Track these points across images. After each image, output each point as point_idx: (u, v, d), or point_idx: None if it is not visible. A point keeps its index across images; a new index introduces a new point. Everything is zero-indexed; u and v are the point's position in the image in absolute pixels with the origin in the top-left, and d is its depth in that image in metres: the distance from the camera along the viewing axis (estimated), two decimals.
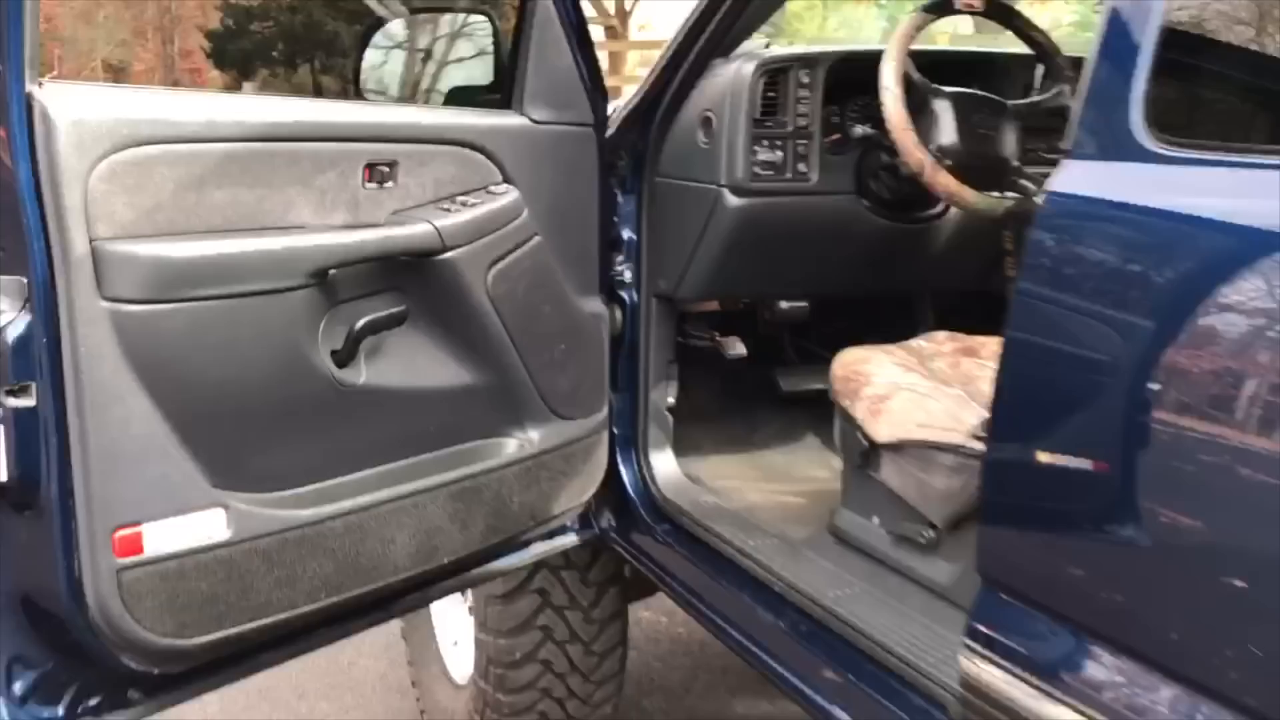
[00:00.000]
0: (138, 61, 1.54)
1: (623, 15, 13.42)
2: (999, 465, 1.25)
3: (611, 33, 12.70)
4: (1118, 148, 1.13)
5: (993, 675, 1.21)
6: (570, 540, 2.12)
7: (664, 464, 2.15)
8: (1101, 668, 1.14)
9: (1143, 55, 1.12)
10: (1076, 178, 1.16)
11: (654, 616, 3.52)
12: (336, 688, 3.06)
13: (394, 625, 2.94)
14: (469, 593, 2.49)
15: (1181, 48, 1.18)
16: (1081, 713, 1.13)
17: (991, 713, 1.23)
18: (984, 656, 1.23)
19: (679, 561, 2.05)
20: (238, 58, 2.02)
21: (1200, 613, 1.05)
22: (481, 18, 1.98)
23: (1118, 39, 1.15)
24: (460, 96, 2.04)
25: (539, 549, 2.06)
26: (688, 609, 2.07)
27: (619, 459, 2.15)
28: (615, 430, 2.13)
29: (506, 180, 1.79)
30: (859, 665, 1.59)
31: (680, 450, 2.19)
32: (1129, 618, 1.12)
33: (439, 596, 2.10)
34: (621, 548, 2.18)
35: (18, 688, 1.45)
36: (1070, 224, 1.16)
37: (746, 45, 2.04)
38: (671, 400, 2.17)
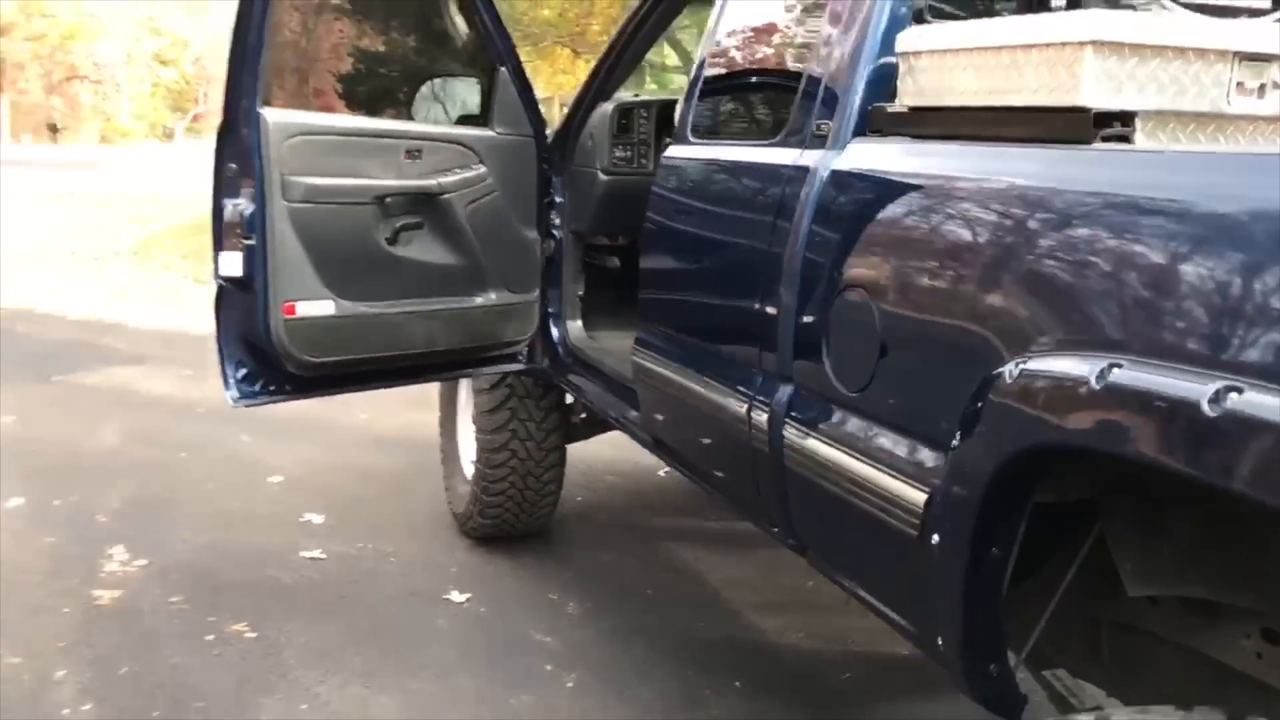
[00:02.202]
0: (275, 100, 2.64)
1: None
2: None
3: None
4: (683, 138, 2.80)
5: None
6: (520, 366, 3.80)
7: (575, 328, 3.82)
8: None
9: (695, 90, 2.79)
10: (670, 151, 2.84)
11: (617, 480, 5.19)
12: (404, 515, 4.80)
13: (438, 467, 4.66)
14: (477, 421, 4.19)
15: (719, 86, 2.84)
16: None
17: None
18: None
19: (578, 378, 3.71)
20: (357, 97, 3.79)
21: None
22: (475, 80, 3.72)
23: (690, 85, 2.83)
24: (464, 120, 3.77)
25: (503, 366, 3.77)
26: (582, 400, 3.75)
27: (551, 325, 3.83)
28: (551, 310, 3.82)
29: (480, 162, 3.51)
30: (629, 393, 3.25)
31: (586, 323, 3.86)
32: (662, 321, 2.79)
33: (449, 378, 3.86)
34: (552, 375, 3.86)
35: (239, 375, 3.23)
36: (664, 172, 2.83)
37: (619, 94, 3.75)
38: (581, 292, 3.85)
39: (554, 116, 5.59)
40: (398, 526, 4.49)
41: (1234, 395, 1.24)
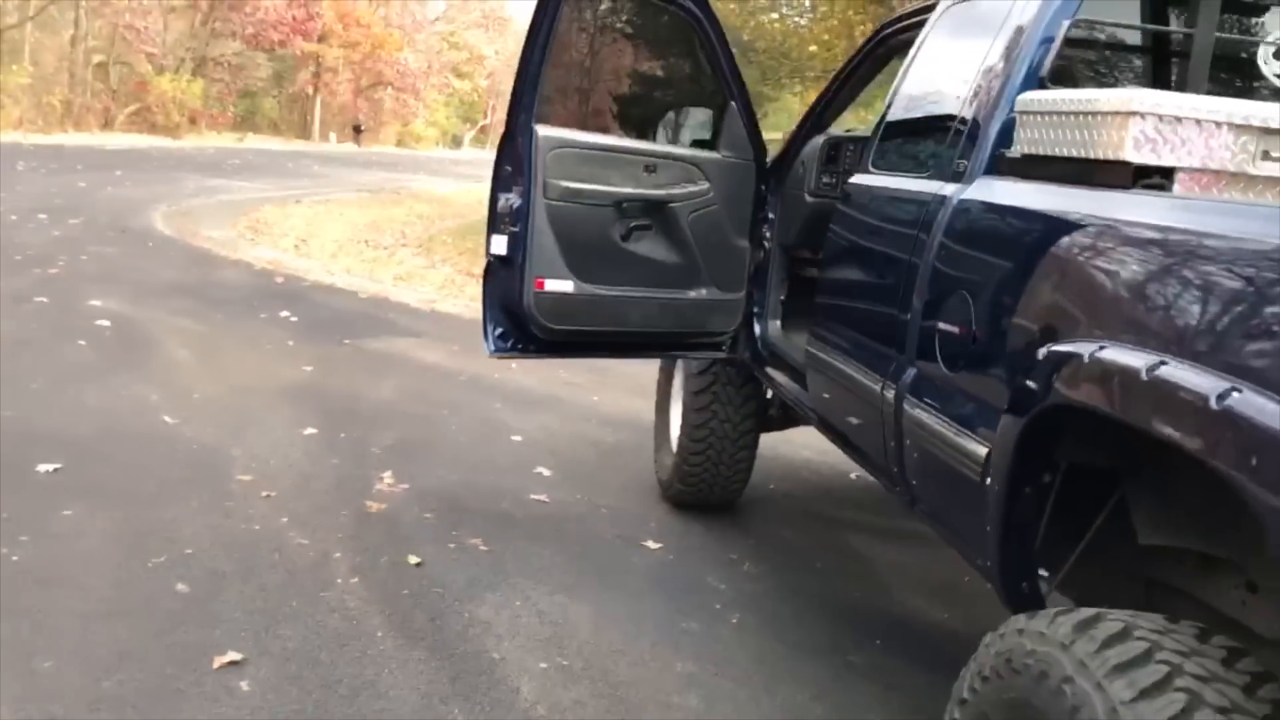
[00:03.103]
0: (554, 119, 3.30)
1: None
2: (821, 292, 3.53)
3: None
4: (865, 168, 3.40)
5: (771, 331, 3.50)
6: (723, 354, 4.46)
7: (774, 326, 4.45)
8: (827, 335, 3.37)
9: (877, 131, 3.39)
10: (853, 178, 3.44)
11: (810, 475, 5.77)
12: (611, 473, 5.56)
13: (650, 445, 5.37)
14: (685, 401, 4.87)
15: (894, 129, 3.42)
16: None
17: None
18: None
19: (771, 369, 4.34)
20: (627, 118, 4.61)
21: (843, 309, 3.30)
22: (708, 109, 4.41)
23: (875, 126, 3.41)
24: (697, 144, 4.47)
25: (708, 353, 4.44)
26: (773, 388, 4.37)
27: (755, 322, 4.47)
28: (755, 309, 4.47)
29: (706, 179, 4.20)
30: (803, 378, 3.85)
31: (784, 322, 4.49)
32: (831, 318, 3.37)
33: (659, 356, 4.61)
34: (751, 365, 4.50)
35: (499, 334, 4.04)
36: (845, 195, 3.43)
37: (831, 129, 4.36)
38: (783, 297, 4.47)
39: None
40: (611, 486, 5.24)
41: (1163, 367, 1.76)
